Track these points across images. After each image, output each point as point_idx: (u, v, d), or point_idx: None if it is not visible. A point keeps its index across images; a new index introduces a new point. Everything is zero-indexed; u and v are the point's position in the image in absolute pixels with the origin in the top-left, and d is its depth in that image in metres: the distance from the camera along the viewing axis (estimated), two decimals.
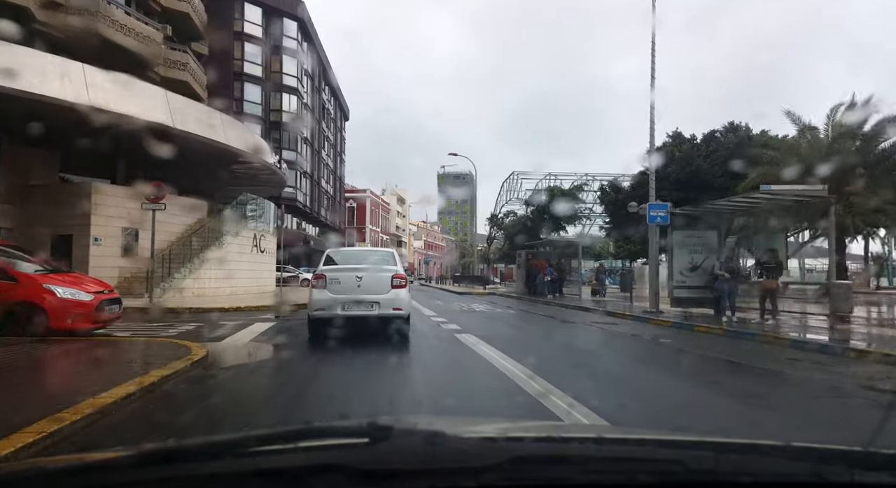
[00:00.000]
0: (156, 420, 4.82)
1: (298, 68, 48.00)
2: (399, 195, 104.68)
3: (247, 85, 43.80)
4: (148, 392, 5.50)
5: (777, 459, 1.19)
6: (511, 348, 8.74)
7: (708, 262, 14.52)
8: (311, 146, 52.41)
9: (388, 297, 9.38)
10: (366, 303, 9.30)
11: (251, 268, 23.21)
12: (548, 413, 4.91)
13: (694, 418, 5.08)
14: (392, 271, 9.67)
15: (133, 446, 1.17)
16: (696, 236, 14.75)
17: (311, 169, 53.04)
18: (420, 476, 1.00)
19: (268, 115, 45.90)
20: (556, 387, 5.79)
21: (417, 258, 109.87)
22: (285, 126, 46.41)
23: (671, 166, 27.61)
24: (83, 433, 4.24)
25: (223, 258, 21.13)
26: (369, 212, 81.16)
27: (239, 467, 1.02)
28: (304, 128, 49.34)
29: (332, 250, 10.80)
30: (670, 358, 9.43)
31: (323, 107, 59.23)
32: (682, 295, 14.74)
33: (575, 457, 1.13)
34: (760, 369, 8.05)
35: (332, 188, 64.43)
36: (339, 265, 9.86)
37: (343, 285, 9.32)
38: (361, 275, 9.41)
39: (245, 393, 6.28)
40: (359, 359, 7.95)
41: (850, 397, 6.25)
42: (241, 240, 22.57)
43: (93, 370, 7.02)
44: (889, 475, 1.15)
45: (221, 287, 21.05)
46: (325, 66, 58.83)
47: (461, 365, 7.99)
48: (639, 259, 59.93)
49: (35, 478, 1.07)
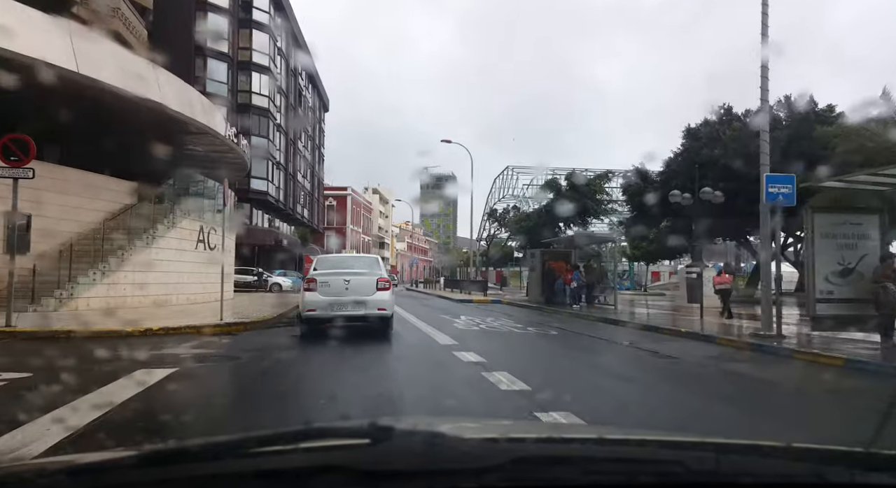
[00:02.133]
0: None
1: (270, 45, 42.55)
2: (382, 194, 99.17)
3: (210, 61, 38.16)
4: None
5: (778, 460, 1.18)
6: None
7: (866, 263, 9.56)
8: (285, 135, 46.85)
9: (374, 299, 10.23)
10: (353, 304, 10.07)
11: (196, 270, 17.80)
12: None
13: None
14: (377, 275, 10.60)
15: (134, 446, 1.13)
16: (853, 223, 9.73)
17: (286, 160, 47.49)
18: (421, 477, 0.98)
19: (235, 96, 40.38)
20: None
21: (401, 261, 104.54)
22: (255, 109, 40.88)
23: (716, 149, 22.76)
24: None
25: (152, 258, 15.74)
26: (350, 211, 75.66)
27: (239, 468, 1.01)
28: (276, 114, 43.80)
29: (322, 256, 12.72)
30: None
31: (299, 93, 53.70)
32: (827, 312, 9.72)
33: (576, 458, 1.13)
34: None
35: (310, 184, 58.83)
36: (328, 270, 10.75)
37: (333, 288, 10.13)
38: (349, 279, 10.27)
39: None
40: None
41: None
42: (181, 235, 17.15)
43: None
44: (890, 476, 1.14)
45: (149, 295, 15.65)
46: (303, 47, 53.34)
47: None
48: (657, 260, 55.44)
49: (35, 478, 1.04)
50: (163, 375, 6.46)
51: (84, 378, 6.06)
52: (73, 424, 4.30)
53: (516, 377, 6.36)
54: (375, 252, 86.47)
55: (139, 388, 5.79)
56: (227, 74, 39.00)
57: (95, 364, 7.18)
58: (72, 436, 4.01)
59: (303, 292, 10.53)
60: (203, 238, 18.43)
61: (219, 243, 20.36)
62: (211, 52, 38.02)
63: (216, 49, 38.23)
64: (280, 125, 45.25)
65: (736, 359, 9.09)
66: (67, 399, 5.01)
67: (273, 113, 42.75)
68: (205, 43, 37.33)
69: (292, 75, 50.25)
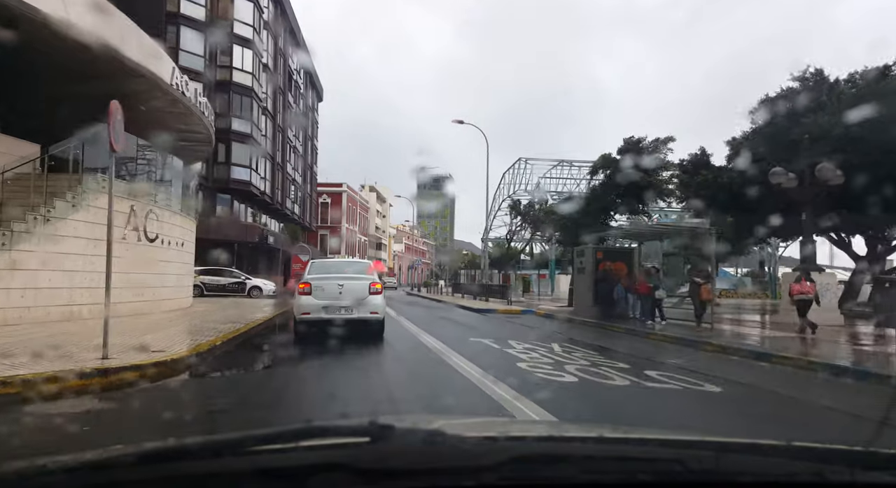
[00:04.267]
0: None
1: (255, 16, 37.27)
2: (379, 192, 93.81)
3: (184, 30, 32.82)
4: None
5: (778, 459, 1.16)
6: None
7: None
8: (272, 119, 41.53)
9: (367, 303, 10.45)
10: (346, 308, 10.29)
11: (126, 270, 12.46)
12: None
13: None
14: (370, 280, 10.85)
15: (133, 444, 1.08)
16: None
17: (273, 148, 42.19)
18: (421, 475, 0.98)
19: (214, 72, 35.11)
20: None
21: (399, 262, 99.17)
22: (237, 88, 35.60)
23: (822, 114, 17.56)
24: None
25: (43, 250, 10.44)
26: (346, 209, 70.24)
27: (239, 466, 0.99)
28: (262, 94, 38.51)
29: (317, 261, 13.80)
30: None
31: (289, 76, 48.39)
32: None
33: (576, 457, 1.11)
34: None
35: (302, 177, 53.42)
36: (323, 274, 10.98)
37: (326, 292, 10.37)
38: (343, 283, 10.57)
39: None
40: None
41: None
42: (95, 217, 11.76)
43: None
44: (890, 474, 1.13)
45: (39, 305, 10.36)
46: (293, 26, 48.10)
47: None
48: (726, 259, 49.38)
49: (35, 478, 1.02)
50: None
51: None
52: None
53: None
54: (372, 253, 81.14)
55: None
56: (203, 46, 33.68)
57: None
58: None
59: (297, 296, 10.60)
60: (137, 224, 13.09)
61: (169, 234, 15.06)
62: (186, 20, 32.72)
63: (191, 16, 32.91)
64: (266, 108, 39.96)
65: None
66: None
67: (258, 93, 37.44)
68: (177, 8, 32.02)
69: (281, 56, 44.97)
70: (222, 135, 35.69)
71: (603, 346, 10.84)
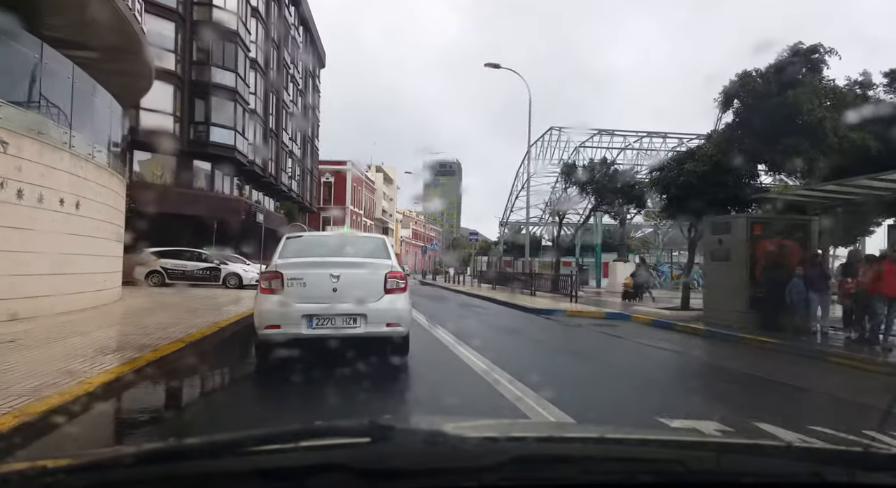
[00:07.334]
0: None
1: None
2: (386, 173, 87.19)
3: None
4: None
5: (778, 459, 1.16)
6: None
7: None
8: (263, 76, 34.90)
9: (380, 307, 6.18)
10: (346, 316, 6.10)
11: None
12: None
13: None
14: (385, 267, 6.42)
15: (133, 444, 0.78)
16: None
17: (265, 111, 35.62)
18: (421, 475, 0.96)
19: (189, 10, 28.55)
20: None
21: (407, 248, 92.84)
22: (218, 30, 28.95)
23: None
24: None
25: None
26: (350, 188, 63.80)
27: (239, 466, 0.98)
28: (250, 44, 31.89)
29: (293, 235, 7.35)
30: None
31: (286, 30, 41.69)
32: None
33: (577, 457, 1.10)
34: None
35: (301, 150, 46.84)
36: (304, 258, 6.53)
37: (311, 288, 6.13)
38: (339, 274, 6.17)
39: None
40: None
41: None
42: None
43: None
44: (889, 475, 1.11)
45: None
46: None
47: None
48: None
49: (35, 478, 1.00)
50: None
51: None
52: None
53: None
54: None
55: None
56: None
57: None
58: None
59: (259, 295, 6.33)
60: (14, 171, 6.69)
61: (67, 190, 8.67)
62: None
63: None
64: (256, 61, 33.35)
65: None
66: None
67: (245, 41, 30.83)
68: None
69: (275, 2, 38.24)
70: (199, 89, 29.21)
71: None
